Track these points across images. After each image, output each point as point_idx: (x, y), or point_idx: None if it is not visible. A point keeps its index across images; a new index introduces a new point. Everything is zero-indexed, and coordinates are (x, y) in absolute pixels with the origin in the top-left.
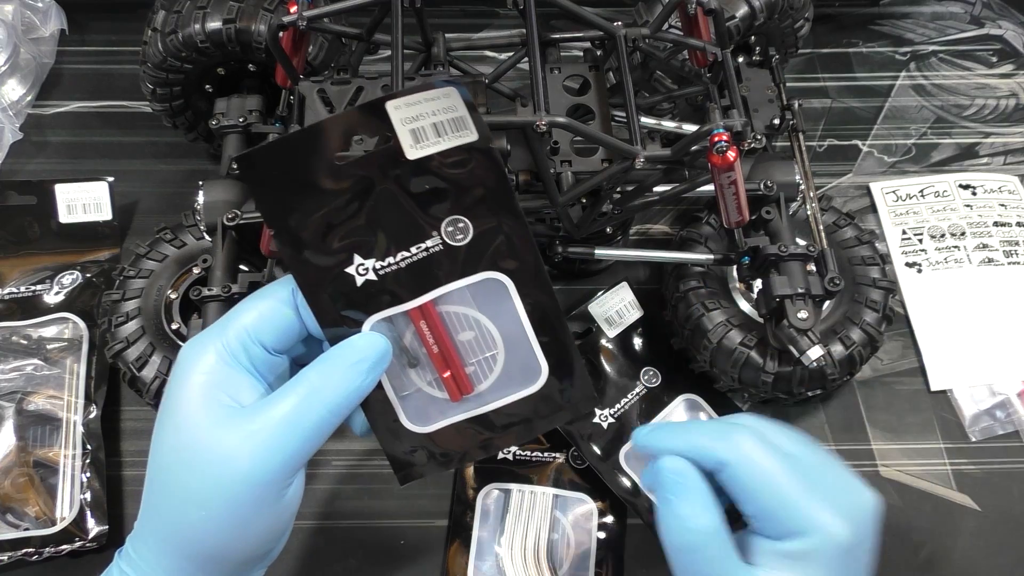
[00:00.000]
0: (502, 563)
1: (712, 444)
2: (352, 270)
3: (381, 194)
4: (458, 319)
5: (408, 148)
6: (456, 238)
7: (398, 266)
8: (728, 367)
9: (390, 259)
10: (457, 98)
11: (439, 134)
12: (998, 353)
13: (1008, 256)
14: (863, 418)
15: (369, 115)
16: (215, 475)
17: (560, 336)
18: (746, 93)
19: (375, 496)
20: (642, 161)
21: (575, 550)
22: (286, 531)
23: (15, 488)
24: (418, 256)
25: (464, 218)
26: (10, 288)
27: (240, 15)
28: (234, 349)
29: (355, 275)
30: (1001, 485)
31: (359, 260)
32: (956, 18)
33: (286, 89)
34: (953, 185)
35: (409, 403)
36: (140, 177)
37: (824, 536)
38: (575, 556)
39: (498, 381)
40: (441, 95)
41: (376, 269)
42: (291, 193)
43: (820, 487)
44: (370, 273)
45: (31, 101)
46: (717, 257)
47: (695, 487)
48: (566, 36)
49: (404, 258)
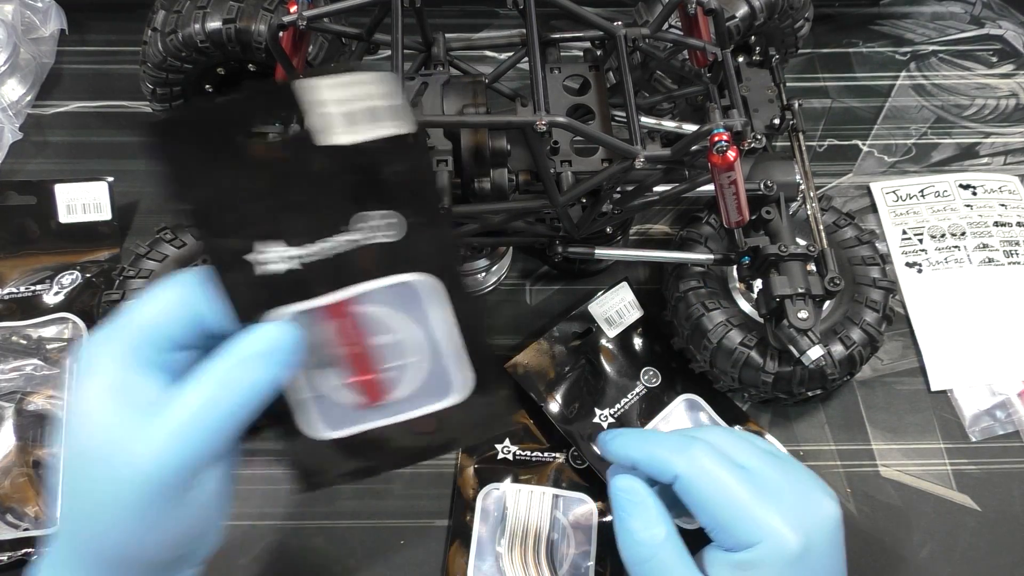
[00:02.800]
0: (502, 563)
1: (667, 456)
2: (270, 256)
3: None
4: (377, 321)
5: (340, 133)
6: (385, 233)
7: (319, 257)
8: (728, 367)
9: (311, 247)
10: (396, 85)
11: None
12: (998, 353)
13: (1008, 256)
14: (863, 418)
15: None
16: (117, 476)
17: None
18: (746, 93)
19: (375, 496)
20: (642, 161)
21: (575, 550)
22: (210, 532)
23: (15, 488)
24: (340, 248)
25: (395, 213)
26: (10, 288)
27: (240, 15)
28: (137, 345)
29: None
30: (1001, 485)
31: (279, 247)
32: (956, 18)
33: None
34: (953, 185)
35: (317, 406)
36: (140, 177)
37: (773, 545)
38: (575, 556)
39: (415, 390)
40: (379, 80)
41: (296, 257)
42: (208, 168)
43: (773, 498)
44: (290, 262)
45: (31, 101)
46: (717, 257)
47: (644, 502)
48: (566, 36)
49: (326, 249)
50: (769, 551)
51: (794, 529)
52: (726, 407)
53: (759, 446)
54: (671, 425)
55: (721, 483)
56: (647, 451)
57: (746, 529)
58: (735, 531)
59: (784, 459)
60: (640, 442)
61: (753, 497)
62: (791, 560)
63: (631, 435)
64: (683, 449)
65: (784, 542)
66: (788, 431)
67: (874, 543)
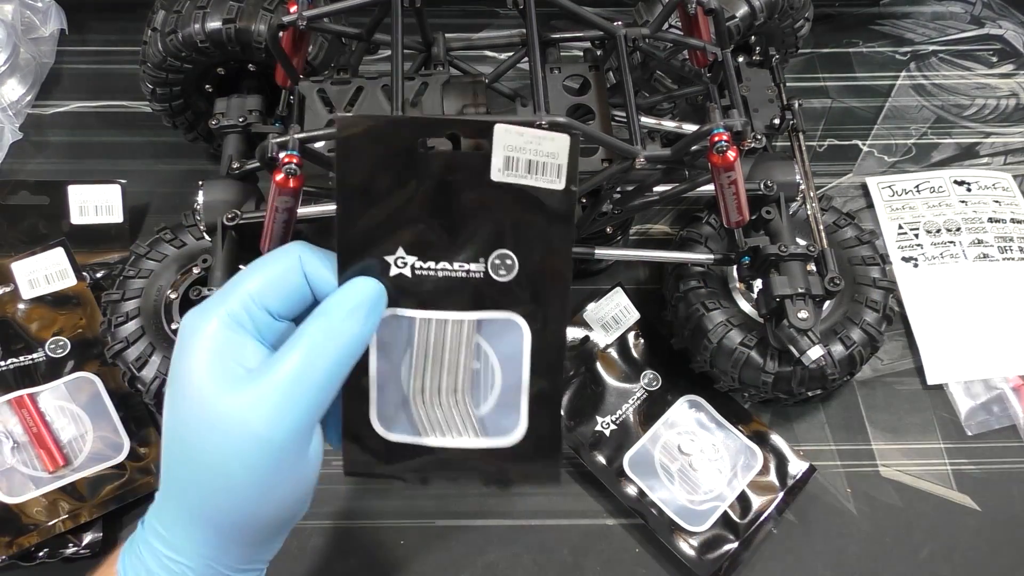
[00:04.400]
0: (412, 407)
1: None
2: (391, 259)
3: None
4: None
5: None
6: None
7: (435, 273)
8: (728, 367)
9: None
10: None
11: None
12: (993, 348)
13: (1003, 252)
14: (863, 418)
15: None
16: (231, 442)
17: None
18: (746, 93)
19: (375, 496)
20: (642, 161)
21: (501, 379)
22: (310, 493)
23: None
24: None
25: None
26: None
27: (240, 15)
28: (238, 315)
29: (392, 264)
30: (1001, 485)
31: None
32: (956, 18)
33: (286, 89)
34: (948, 181)
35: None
36: (140, 177)
37: None
38: (502, 386)
39: (479, 423)
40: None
41: (414, 267)
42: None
43: None
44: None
45: (31, 101)
46: (717, 257)
47: None
48: (566, 36)
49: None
50: None
51: None
52: (728, 407)
53: None
54: (674, 427)
55: None
56: None
57: None
58: None
59: None
60: None
61: None
62: None
63: None
64: None
65: None
66: (788, 431)
67: (874, 543)
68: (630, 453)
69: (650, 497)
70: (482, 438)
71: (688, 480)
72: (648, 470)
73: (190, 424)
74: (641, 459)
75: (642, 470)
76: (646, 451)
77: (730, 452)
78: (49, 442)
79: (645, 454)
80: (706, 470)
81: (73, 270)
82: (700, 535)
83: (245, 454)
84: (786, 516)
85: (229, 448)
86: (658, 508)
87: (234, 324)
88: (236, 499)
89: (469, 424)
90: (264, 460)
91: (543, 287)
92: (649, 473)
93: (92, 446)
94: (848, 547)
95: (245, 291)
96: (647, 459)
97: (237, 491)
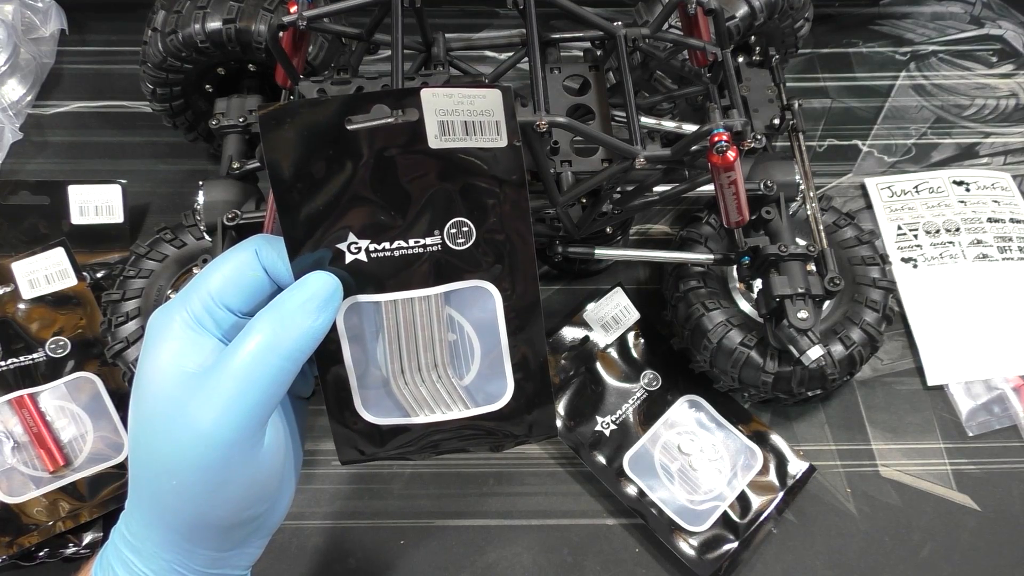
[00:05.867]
0: (393, 388)
1: None
2: (344, 246)
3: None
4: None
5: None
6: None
7: (391, 254)
8: (728, 367)
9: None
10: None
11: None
12: (994, 348)
13: (1002, 252)
14: (863, 418)
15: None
16: (180, 440)
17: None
18: (746, 93)
19: (375, 496)
20: (642, 161)
21: (480, 347)
22: (277, 494)
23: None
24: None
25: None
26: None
27: (240, 15)
28: (199, 315)
29: (345, 251)
30: (1001, 485)
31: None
32: (956, 18)
33: (286, 89)
34: (947, 181)
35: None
36: (140, 177)
37: None
38: (481, 354)
39: (466, 393)
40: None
41: (369, 251)
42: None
43: None
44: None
45: (31, 101)
46: (717, 257)
47: None
48: (566, 36)
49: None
50: None
51: None
52: (728, 407)
53: None
54: (674, 427)
55: None
56: None
57: None
58: None
59: None
60: None
61: None
62: None
63: None
64: None
65: None
66: (788, 431)
67: (874, 543)
68: (630, 453)
69: (650, 497)
70: (472, 408)
71: (688, 480)
72: (648, 470)
73: (147, 425)
74: (641, 459)
75: (642, 470)
76: (646, 451)
77: (730, 452)
78: (49, 442)
79: (645, 454)
80: (706, 470)
81: (73, 270)
82: (700, 535)
83: (192, 452)
84: (786, 516)
85: (178, 447)
86: (658, 508)
87: (195, 323)
88: (186, 499)
89: (456, 396)
90: (211, 458)
91: (505, 248)
92: (649, 473)
93: (92, 446)
94: (848, 547)
95: (205, 290)
96: (647, 459)
97: (186, 490)
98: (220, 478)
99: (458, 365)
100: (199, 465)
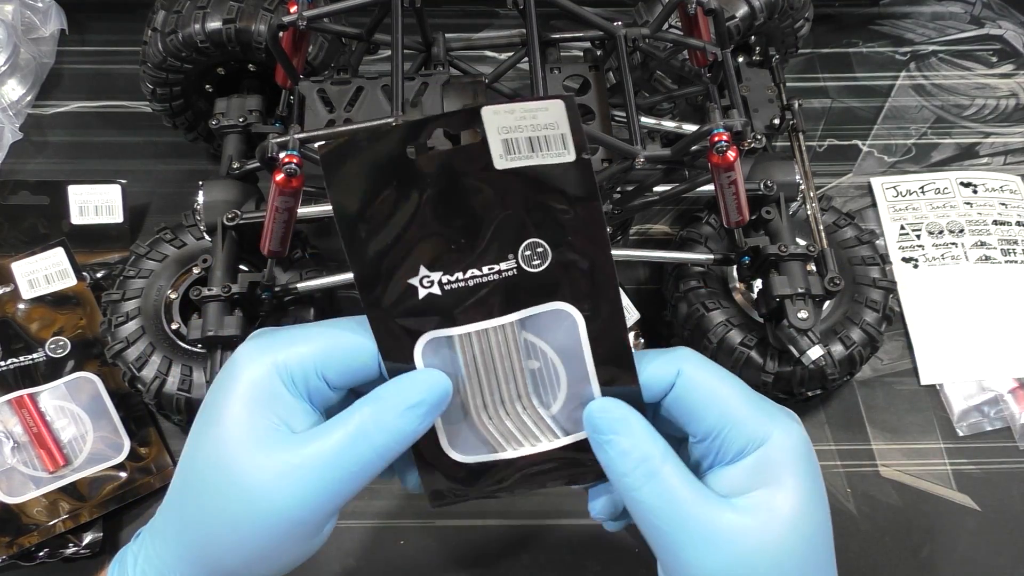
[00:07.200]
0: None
1: (664, 361)
2: (416, 281)
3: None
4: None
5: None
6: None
7: (465, 283)
8: (728, 367)
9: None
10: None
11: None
12: (990, 350)
13: (1006, 255)
14: (863, 418)
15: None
16: (251, 503)
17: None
18: (746, 93)
19: (375, 496)
20: (642, 161)
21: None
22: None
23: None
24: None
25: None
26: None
27: (240, 15)
28: (294, 372)
29: (419, 287)
30: (1001, 485)
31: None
32: (956, 18)
33: (286, 89)
34: (954, 183)
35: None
36: (140, 177)
37: (784, 438)
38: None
39: (554, 423)
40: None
41: (442, 283)
42: (371, 190)
43: (759, 397)
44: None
45: (31, 101)
46: (717, 257)
47: (627, 418)
48: (566, 36)
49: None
50: (783, 442)
51: (792, 419)
52: None
53: None
54: None
55: (725, 377)
56: (641, 366)
57: (758, 423)
58: (748, 426)
59: None
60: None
61: (748, 396)
62: (803, 452)
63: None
64: (674, 351)
65: (792, 433)
66: None
67: (874, 543)
68: None
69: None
70: (560, 438)
71: None
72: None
73: (213, 464)
74: None
75: None
76: None
77: None
78: (49, 442)
79: None
80: None
81: (73, 270)
82: None
83: (262, 522)
84: None
85: (248, 509)
86: None
87: (288, 379)
88: (238, 555)
89: (543, 426)
90: (279, 532)
91: (584, 267)
92: None
93: (92, 446)
94: (848, 547)
95: (308, 352)
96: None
97: (241, 549)
98: (279, 549)
99: (543, 394)
100: (264, 534)
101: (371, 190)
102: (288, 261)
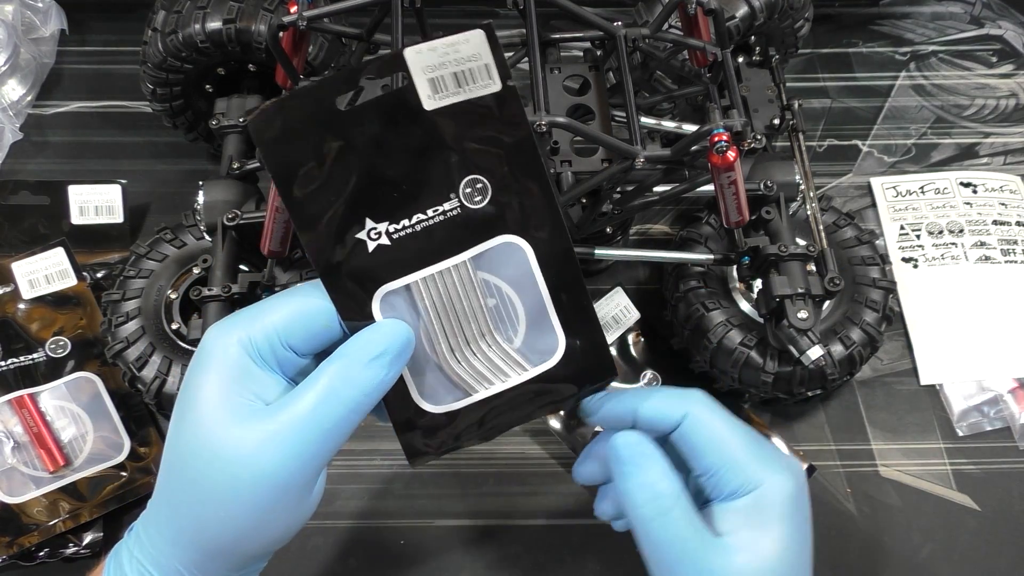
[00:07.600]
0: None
1: (672, 400)
2: (364, 235)
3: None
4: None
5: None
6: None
7: (413, 229)
8: (728, 367)
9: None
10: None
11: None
12: (990, 350)
13: (1005, 255)
14: (863, 418)
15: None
16: (235, 475)
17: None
18: (746, 93)
19: (375, 496)
20: (642, 161)
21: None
22: (302, 525)
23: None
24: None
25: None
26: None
27: (240, 15)
28: (260, 346)
29: (367, 240)
30: (1000, 485)
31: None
32: (956, 18)
33: (286, 89)
34: (954, 183)
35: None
36: (140, 177)
37: (777, 484)
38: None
39: (520, 356)
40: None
41: (390, 233)
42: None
43: (761, 445)
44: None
45: (31, 101)
46: (717, 257)
47: (654, 454)
48: (566, 36)
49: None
50: (774, 489)
51: (789, 470)
52: (728, 407)
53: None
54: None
55: (730, 422)
56: (650, 401)
57: (754, 469)
58: (744, 470)
59: None
60: (640, 394)
61: (750, 443)
62: (793, 499)
63: (625, 392)
64: (685, 393)
65: (786, 481)
66: (788, 431)
67: (874, 543)
68: None
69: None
70: (530, 369)
71: None
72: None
73: (194, 446)
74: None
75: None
76: None
77: None
78: (49, 442)
79: None
80: None
81: (73, 270)
82: None
83: (249, 491)
84: None
85: (232, 481)
86: None
87: (257, 355)
88: (230, 530)
89: (510, 361)
90: (267, 499)
91: (526, 196)
92: None
93: (92, 446)
94: (848, 547)
95: (270, 323)
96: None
97: (233, 523)
98: (270, 517)
99: (504, 329)
100: (253, 503)
101: (305, 149)
102: (288, 261)
